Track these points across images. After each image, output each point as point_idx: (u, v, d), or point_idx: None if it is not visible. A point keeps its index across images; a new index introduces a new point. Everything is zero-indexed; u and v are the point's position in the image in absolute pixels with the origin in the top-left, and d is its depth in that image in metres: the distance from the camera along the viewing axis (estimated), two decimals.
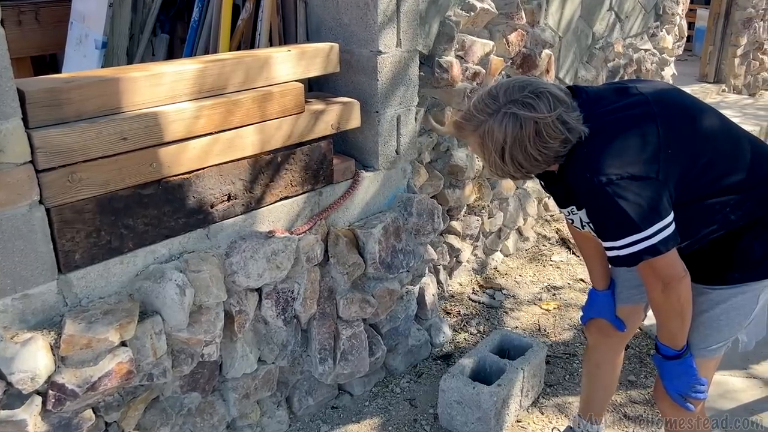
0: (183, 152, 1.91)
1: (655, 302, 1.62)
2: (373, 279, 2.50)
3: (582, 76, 4.10)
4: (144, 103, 1.82)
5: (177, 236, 1.98)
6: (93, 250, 1.80)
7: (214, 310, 2.01)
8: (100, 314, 1.76)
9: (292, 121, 2.16)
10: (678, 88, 1.71)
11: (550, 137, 1.49)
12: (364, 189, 2.48)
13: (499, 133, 1.50)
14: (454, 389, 2.36)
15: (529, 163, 1.53)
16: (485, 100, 1.54)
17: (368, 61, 2.39)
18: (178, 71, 1.88)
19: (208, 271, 1.95)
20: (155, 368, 1.90)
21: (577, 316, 3.21)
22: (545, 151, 1.51)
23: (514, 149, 1.50)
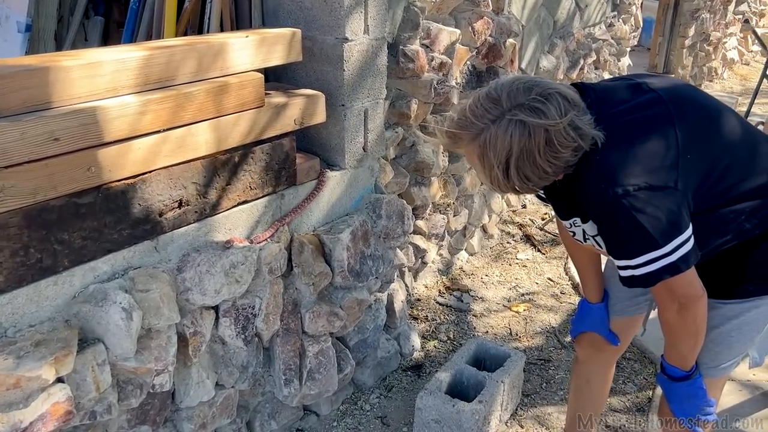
0: (126, 154, 1.67)
1: (669, 323, 1.49)
2: (341, 289, 2.31)
3: (544, 66, 3.99)
4: (79, 97, 1.57)
5: (121, 250, 1.75)
6: (20, 271, 1.54)
7: (165, 333, 1.79)
8: (30, 346, 1.51)
9: (252, 116, 1.95)
10: (691, 84, 1.57)
11: (562, 146, 1.32)
12: (329, 190, 2.28)
13: (504, 143, 1.31)
14: (431, 407, 2.19)
15: (537, 176, 1.36)
16: (485, 104, 1.35)
17: (333, 50, 2.18)
18: (119, 60, 1.63)
19: (158, 290, 1.73)
20: (98, 404, 1.66)
21: (548, 318, 3.11)
22: (556, 162, 1.34)
23: (521, 161, 1.32)
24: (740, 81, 8.27)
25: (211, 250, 1.90)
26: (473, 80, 3.20)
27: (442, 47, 2.85)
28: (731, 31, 8.16)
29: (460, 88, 3.08)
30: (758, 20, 9.05)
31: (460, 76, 3.11)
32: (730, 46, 8.30)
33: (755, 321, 1.57)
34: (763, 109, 5.97)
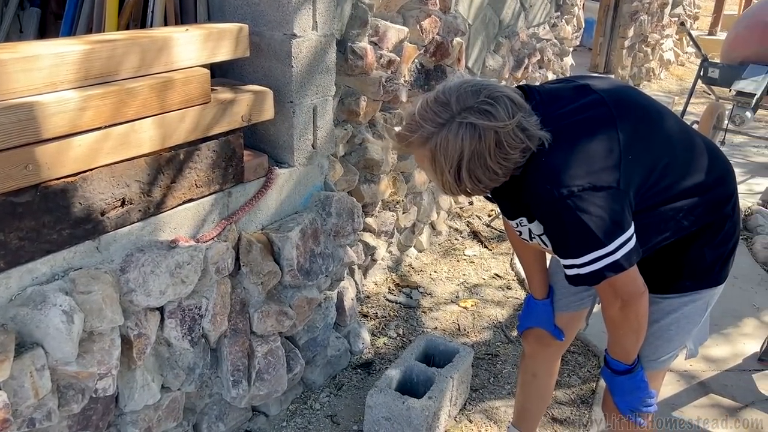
0: (66, 151, 1.61)
1: (612, 319, 1.53)
2: (291, 288, 2.28)
3: (490, 65, 4.04)
4: (15, 92, 1.50)
5: (61, 251, 1.68)
6: None
7: (108, 336, 1.73)
8: None
9: (197, 112, 1.90)
10: (631, 86, 1.61)
11: (511, 147, 1.33)
12: (278, 188, 2.25)
13: (455, 146, 1.32)
14: (382, 405, 2.19)
15: (488, 178, 1.37)
16: (434, 107, 1.35)
17: (281, 46, 2.15)
18: (58, 53, 1.56)
19: (101, 292, 1.67)
20: (37, 411, 1.60)
21: (495, 313, 3.15)
22: (505, 163, 1.36)
23: (472, 163, 1.33)
24: (676, 81, 8.55)
25: (156, 250, 1.84)
26: (421, 78, 3.21)
27: (390, 45, 2.85)
28: (668, 33, 8.43)
29: (408, 86, 3.08)
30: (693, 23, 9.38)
31: (409, 74, 3.11)
32: (666, 48, 8.57)
33: (692, 314, 1.63)
34: (698, 109, 6.18)
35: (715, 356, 2.87)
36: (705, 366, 2.80)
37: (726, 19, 9.88)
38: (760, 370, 2.79)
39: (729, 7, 10.91)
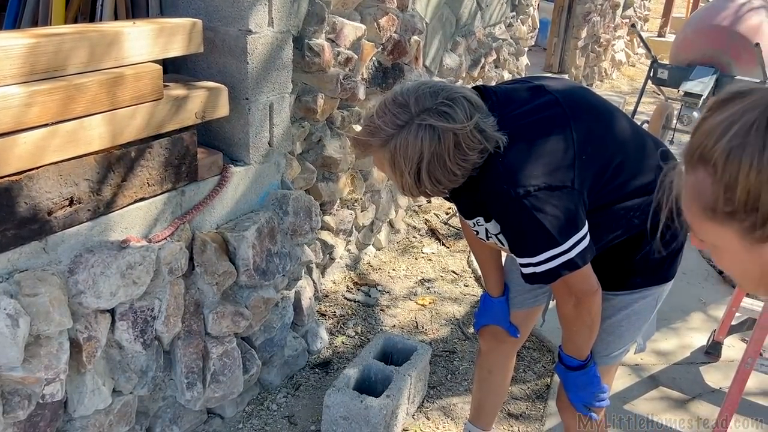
0: (11, 148, 1.54)
1: (566, 317, 1.55)
2: (247, 288, 2.24)
3: (447, 64, 4.05)
4: None
5: (5, 252, 1.61)
6: None
7: (56, 339, 1.67)
8: None
9: (149, 109, 1.85)
10: (584, 86, 1.63)
11: (469, 148, 1.34)
12: (233, 186, 2.21)
13: (415, 148, 1.32)
14: (339, 404, 2.18)
15: (447, 179, 1.38)
16: (392, 109, 1.35)
17: (237, 42, 2.12)
18: (1, 47, 1.50)
19: (48, 294, 1.62)
20: None
21: (453, 310, 3.16)
22: (464, 164, 1.36)
23: (432, 165, 1.34)
24: (627, 81, 8.74)
25: (106, 251, 1.79)
26: (379, 76, 3.20)
27: (347, 42, 2.83)
28: (619, 34, 8.61)
29: (366, 84, 3.07)
30: (643, 24, 9.61)
31: (366, 71, 3.10)
32: (618, 48, 8.75)
33: (643, 310, 1.66)
34: (648, 108, 6.33)
35: (664, 350, 2.94)
36: (655, 360, 2.86)
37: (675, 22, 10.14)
38: (706, 363, 2.87)
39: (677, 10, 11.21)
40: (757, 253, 0.82)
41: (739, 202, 0.78)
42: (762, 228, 0.78)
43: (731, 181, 0.78)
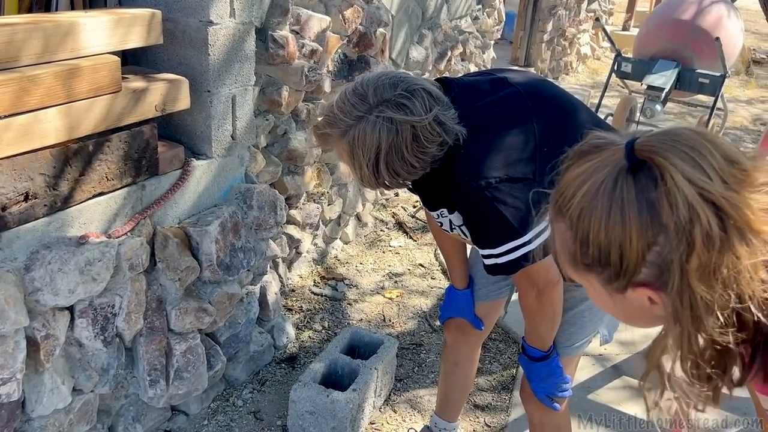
0: None
1: (528, 308, 1.56)
2: (210, 283, 2.22)
3: (413, 57, 4.05)
4: None
5: None
6: None
7: (12, 338, 1.64)
8: None
9: (107, 101, 1.82)
10: (547, 79, 1.64)
11: (428, 141, 1.35)
12: (195, 180, 2.18)
13: (372, 139, 1.32)
14: (306, 399, 2.17)
15: (406, 171, 1.38)
16: (351, 99, 1.35)
17: (197, 33, 2.08)
18: None
19: (3, 292, 1.58)
20: None
21: (422, 304, 3.17)
22: (423, 157, 1.37)
23: (390, 157, 1.34)
24: (592, 75, 8.85)
25: (64, 247, 1.75)
26: (345, 68, 3.18)
27: (312, 34, 2.80)
28: (584, 28, 8.69)
29: (332, 77, 3.05)
30: (608, 18, 9.72)
31: (332, 64, 3.08)
32: (583, 42, 8.84)
33: None
34: (612, 102, 6.42)
35: (626, 340, 2.98)
36: (618, 350, 2.91)
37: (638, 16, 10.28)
38: None
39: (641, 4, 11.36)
40: (618, 299, 0.87)
41: (593, 257, 0.84)
42: (617, 281, 0.84)
43: (584, 238, 0.83)
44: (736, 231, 0.78)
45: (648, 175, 0.81)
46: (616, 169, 0.82)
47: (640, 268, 0.82)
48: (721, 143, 0.82)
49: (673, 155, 0.80)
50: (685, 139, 0.82)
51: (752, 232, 0.78)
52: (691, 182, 0.78)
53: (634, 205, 0.80)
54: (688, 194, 0.78)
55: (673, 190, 0.79)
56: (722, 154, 0.81)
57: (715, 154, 0.80)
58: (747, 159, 0.82)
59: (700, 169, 0.79)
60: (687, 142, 0.81)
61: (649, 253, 0.81)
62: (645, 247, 0.80)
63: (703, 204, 0.78)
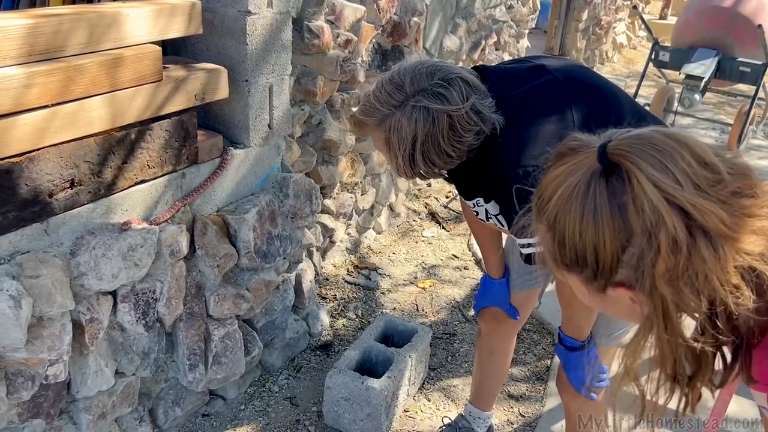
0: (11, 130, 1.54)
1: (566, 297, 1.55)
2: (248, 270, 2.25)
3: (447, 46, 4.03)
4: None
5: (6, 234, 1.62)
6: None
7: (59, 321, 1.68)
8: None
9: (149, 90, 1.85)
10: (585, 66, 1.63)
11: (465, 130, 1.35)
12: (234, 169, 2.21)
13: (409, 129, 1.33)
14: (341, 385, 2.19)
15: (442, 161, 1.39)
16: (388, 89, 1.36)
17: (236, 23, 2.11)
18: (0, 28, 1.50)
19: (50, 276, 1.62)
20: None
21: (455, 294, 3.18)
22: (459, 146, 1.37)
23: (426, 146, 1.34)
24: (627, 64, 8.70)
25: (107, 233, 1.80)
26: (378, 58, 3.19)
27: (347, 24, 2.81)
28: (620, 17, 8.56)
29: (366, 66, 3.06)
30: (645, 6, 9.55)
31: (366, 54, 3.09)
32: (619, 31, 8.70)
33: None
34: (649, 91, 6.31)
35: None
36: None
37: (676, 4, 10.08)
38: None
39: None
40: (601, 298, 0.88)
41: (571, 258, 0.85)
42: (596, 281, 0.84)
43: (561, 240, 0.84)
44: (704, 236, 0.78)
45: (619, 179, 0.81)
46: (589, 172, 0.82)
47: (616, 269, 0.82)
48: (695, 145, 0.82)
49: (642, 159, 0.80)
50: (656, 142, 0.81)
51: (722, 238, 0.78)
52: (658, 187, 0.78)
53: (606, 208, 0.80)
54: (654, 199, 0.78)
55: (639, 195, 0.78)
56: (695, 156, 0.80)
57: (686, 157, 0.80)
58: (723, 161, 0.81)
59: (669, 173, 0.78)
60: (657, 145, 0.81)
61: (624, 255, 0.81)
62: (619, 249, 0.81)
63: (669, 209, 0.77)
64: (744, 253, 0.79)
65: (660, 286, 0.80)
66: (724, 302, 0.80)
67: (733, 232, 0.78)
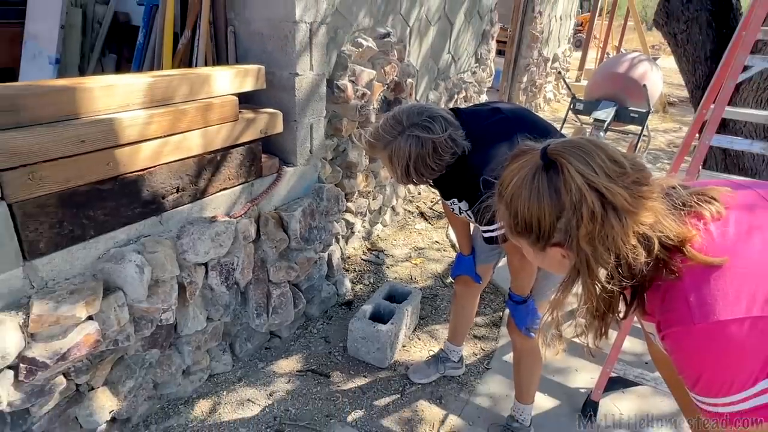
0: (137, 153, 1.57)
1: (514, 267, 1.56)
2: (295, 250, 2.26)
3: (431, 99, 4.04)
4: (99, 111, 1.46)
5: (134, 223, 1.64)
6: (57, 239, 1.42)
7: (169, 283, 1.70)
8: (66, 294, 1.41)
9: (229, 127, 1.87)
10: (528, 108, 1.64)
11: (444, 152, 1.36)
12: (286, 181, 2.22)
13: (405, 151, 1.34)
14: (359, 329, 2.20)
15: (428, 173, 1.40)
16: (391, 123, 1.37)
17: (288, 81, 2.12)
18: (129, 83, 1.52)
19: (163, 252, 1.64)
20: (120, 335, 1.57)
21: (437, 268, 3.17)
22: (440, 163, 1.38)
23: (417, 163, 1.35)
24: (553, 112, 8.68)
25: (202, 223, 1.81)
26: (384, 106, 3.20)
27: (363, 83, 2.82)
28: (549, 80, 8.54)
29: (376, 112, 3.07)
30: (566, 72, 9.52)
31: (376, 102, 3.10)
32: (548, 90, 8.68)
33: None
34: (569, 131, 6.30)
35: None
36: None
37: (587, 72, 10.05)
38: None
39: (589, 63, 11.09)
40: (542, 255, 0.88)
41: (521, 227, 0.85)
42: (538, 243, 0.85)
43: (515, 214, 0.84)
44: (613, 210, 0.78)
45: (555, 170, 0.81)
46: (535, 167, 0.82)
47: (552, 234, 0.82)
48: (608, 149, 0.82)
49: (571, 156, 0.80)
50: (581, 145, 0.82)
51: (625, 212, 0.78)
52: (582, 175, 0.78)
53: (546, 191, 0.80)
54: (579, 183, 0.78)
55: (569, 181, 0.79)
56: (607, 156, 0.80)
57: (601, 156, 0.80)
58: (627, 160, 0.81)
59: (589, 166, 0.79)
60: (582, 147, 0.81)
61: (558, 223, 0.81)
62: (554, 219, 0.81)
63: (589, 191, 0.78)
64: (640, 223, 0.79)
65: (582, 245, 0.80)
66: (626, 257, 0.80)
67: (633, 208, 0.79)
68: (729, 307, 0.77)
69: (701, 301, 0.78)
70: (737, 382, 0.78)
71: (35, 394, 1.38)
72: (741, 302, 0.77)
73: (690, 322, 0.79)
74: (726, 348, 0.77)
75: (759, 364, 0.78)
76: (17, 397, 1.33)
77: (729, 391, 0.79)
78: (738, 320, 0.77)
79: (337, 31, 2.53)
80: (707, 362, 0.79)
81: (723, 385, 0.79)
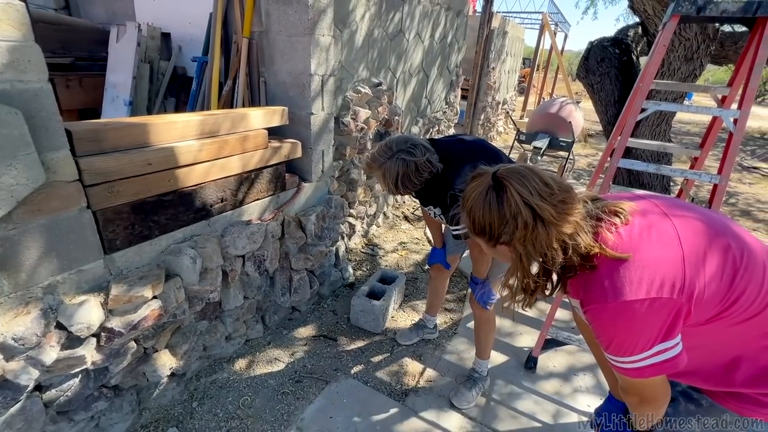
0: (192, 172, 1.56)
1: (474, 257, 1.56)
2: (311, 245, 2.25)
3: (414, 131, 4.04)
4: (163, 141, 1.45)
5: (189, 226, 1.63)
6: (130, 237, 1.41)
7: (215, 270, 1.69)
8: (137, 279, 1.39)
9: (261, 153, 1.86)
10: (484, 139, 1.65)
11: (423, 171, 1.37)
12: (304, 193, 2.21)
13: (394, 170, 1.35)
14: (359, 304, 2.20)
15: (412, 186, 1.40)
16: (384, 149, 1.38)
17: (305, 119, 2.12)
18: (185, 120, 1.52)
19: (210, 247, 1.63)
20: (177, 310, 1.55)
21: (417, 258, 3.16)
22: (421, 179, 1.39)
23: (403, 179, 1.36)
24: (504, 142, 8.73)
25: (240, 225, 1.80)
26: (378, 137, 3.19)
27: (362, 119, 2.82)
28: (500, 117, 8.60)
29: (371, 141, 3.07)
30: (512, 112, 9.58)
31: (371, 134, 3.10)
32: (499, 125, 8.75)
33: None
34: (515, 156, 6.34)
35: None
36: None
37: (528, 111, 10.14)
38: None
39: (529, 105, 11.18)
40: (494, 250, 0.88)
41: (478, 230, 0.85)
42: (490, 242, 0.85)
43: (473, 220, 0.85)
44: (541, 222, 0.79)
45: (501, 190, 0.82)
46: (487, 186, 0.84)
47: (500, 236, 0.83)
48: (542, 173, 0.83)
49: (513, 180, 0.81)
50: (520, 171, 0.83)
51: (551, 224, 0.80)
52: (520, 194, 0.80)
53: (495, 205, 0.82)
54: (517, 200, 0.80)
55: (510, 198, 0.80)
56: (541, 180, 0.82)
57: (535, 179, 0.81)
58: (556, 183, 0.82)
59: (526, 188, 0.80)
60: (521, 173, 0.83)
61: (503, 229, 0.82)
62: (501, 225, 0.82)
63: (524, 206, 0.79)
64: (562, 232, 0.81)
65: (518, 246, 0.82)
66: (550, 256, 0.82)
67: (557, 221, 0.81)
68: (633, 291, 0.79)
69: (613, 286, 0.80)
70: (638, 345, 0.81)
71: (113, 355, 1.36)
72: (642, 287, 0.80)
73: (605, 300, 0.81)
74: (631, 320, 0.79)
75: (654, 333, 0.80)
76: (99, 358, 1.32)
77: (633, 352, 0.81)
78: (640, 300, 0.79)
79: (342, 81, 2.53)
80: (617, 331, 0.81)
81: (628, 348, 0.81)
